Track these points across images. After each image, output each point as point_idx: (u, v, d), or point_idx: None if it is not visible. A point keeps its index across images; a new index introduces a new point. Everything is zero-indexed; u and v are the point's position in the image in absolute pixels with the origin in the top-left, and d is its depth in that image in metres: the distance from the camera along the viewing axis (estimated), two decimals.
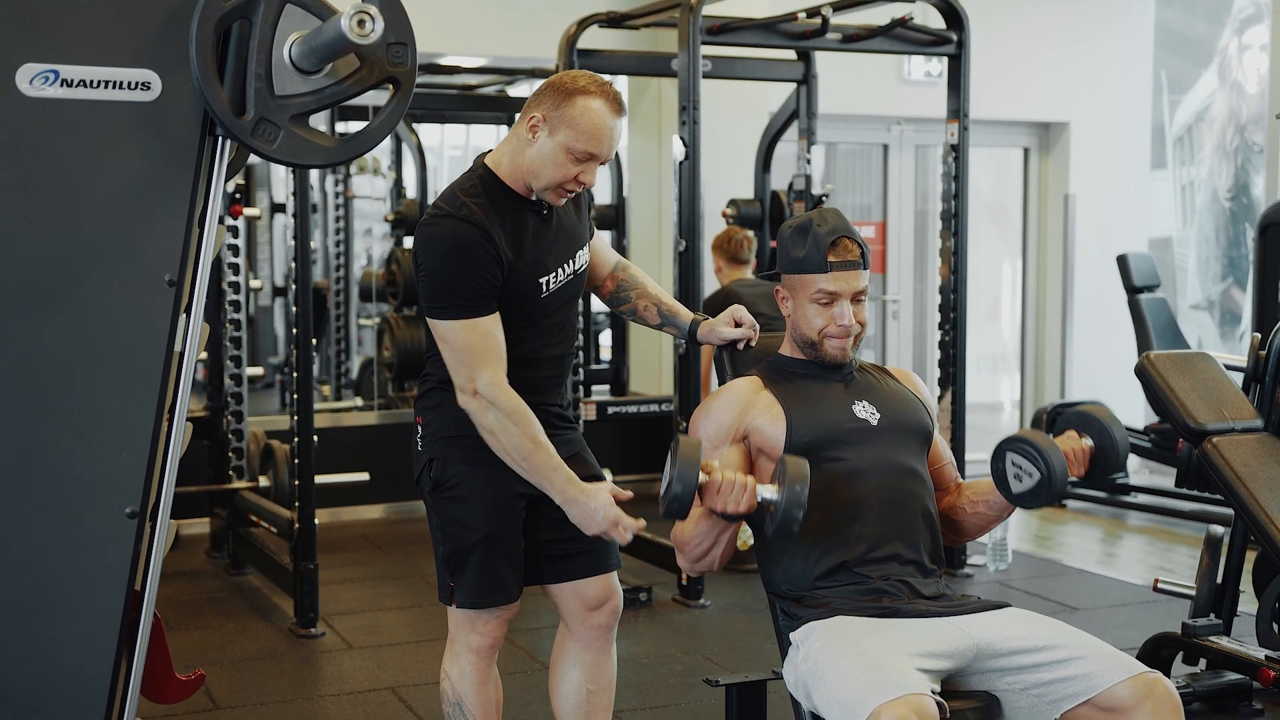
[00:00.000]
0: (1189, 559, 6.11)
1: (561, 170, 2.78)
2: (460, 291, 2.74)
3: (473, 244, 2.74)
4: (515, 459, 2.77)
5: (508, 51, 7.54)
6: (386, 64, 2.25)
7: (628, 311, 3.16)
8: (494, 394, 2.74)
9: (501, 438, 2.75)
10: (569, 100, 2.75)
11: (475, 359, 2.75)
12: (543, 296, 2.87)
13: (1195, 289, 8.78)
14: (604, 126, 2.76)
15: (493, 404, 2.74)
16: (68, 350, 2.21)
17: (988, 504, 2.85)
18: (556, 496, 2.78)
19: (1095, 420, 2.78)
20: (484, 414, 2.75)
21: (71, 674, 2.25)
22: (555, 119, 2.76)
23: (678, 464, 2.48)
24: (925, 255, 8.41)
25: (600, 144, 2.77)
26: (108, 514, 2.23)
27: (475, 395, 2.75)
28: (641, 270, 3.20)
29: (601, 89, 2.77)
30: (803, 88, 6.51)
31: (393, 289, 7.75)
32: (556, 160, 2.77)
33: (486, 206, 2.78)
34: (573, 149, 2.76)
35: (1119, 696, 2.44)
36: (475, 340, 2.75)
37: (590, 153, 2.76)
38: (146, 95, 2.20)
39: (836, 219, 2.82)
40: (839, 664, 2.45)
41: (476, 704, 2.95)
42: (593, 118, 2.75)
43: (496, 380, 2.75)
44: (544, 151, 2.78)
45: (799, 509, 2.45)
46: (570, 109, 2.75)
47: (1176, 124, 8.85)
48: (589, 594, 3.02)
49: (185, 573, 5.84)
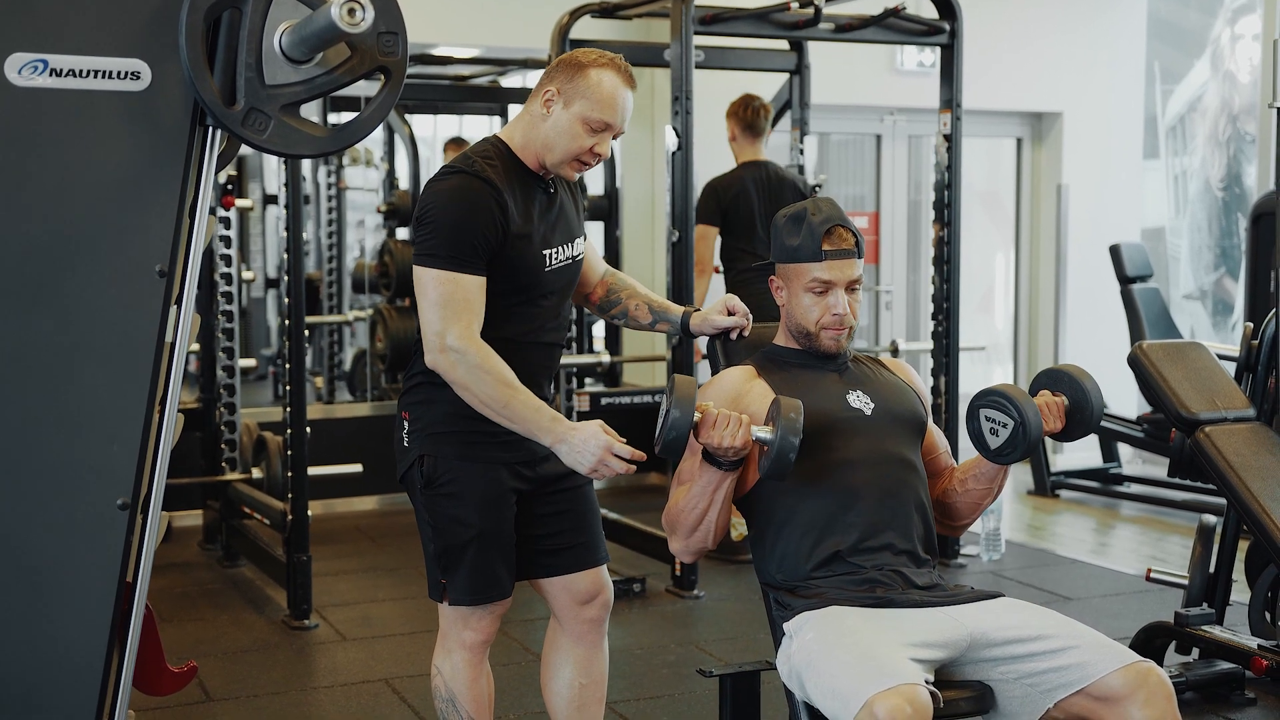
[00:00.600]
0: (1182, 548, 6.12)
1: (577, 141, 2.79)
2: (455, 242, 2.71)
3: (480, 200, 2.73)
4: (495, 409, 2.70)
5: (500, 42, 7.52)
6: (377, 53, 2.24)
7: (619, 314, 3.15)
8: (463, 346, 2.69)
9: (476, 390, 2.70)
10: (583, 73, 2.78)
11: (449, 313, 2.70)
12: (546, 270, 2.86)
13: (1188, 279, 8.79)
14: (618, 96, 2.79)
15: (463, 355, 2.69)
16: (58, 341, 2.20)
17: (975, 476, 2.85)
18: (545, 438, 2.70)
19: (1066, 375, 2.81)
20: (453, 369, 2.70)
21: (63, 666, 2.24)
22: (570, 91, 2.78)
23: (674, 397, 2.51)
24: (918, 245, 8.41)
25: (615, 113, 2.79)
26: (99, 505, 2.22)
27: (444, 351, 2.70)
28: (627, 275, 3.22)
29: (614, 62, 2.81)
30: (795, 78, 6.50)
31: (385, 280, 7.74)
32: (572, 131, 2.79)
33: (500, 170, 2.79)
34: (589, 119, 2.78)
35: (1112, 686, 2.44)
36: (456, 294, 2.71)
37: (606, 122, 2.79)
38: (136, 85, 2.19)
39: (831, 208, 2.82)
40: (833, 654, 2.45)
41: (470, 700, 2.93)
42: (607, 87, 2.78)
43: (467, 334, 2.70)
44: (559, 124, 2.79)
45: (795, 439, 2.47)
46: (584, 81, 2.78)
47: (1169, 114, 8.85)
48: (579, 588, 3.00)
49: (178, 564, 5.83)
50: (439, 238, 2.73)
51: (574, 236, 2.95)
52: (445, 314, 2.71)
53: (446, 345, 2.70)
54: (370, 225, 8.98)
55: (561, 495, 2.96)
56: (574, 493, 2.98)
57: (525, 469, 2.89)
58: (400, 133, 8.30)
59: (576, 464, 2.68)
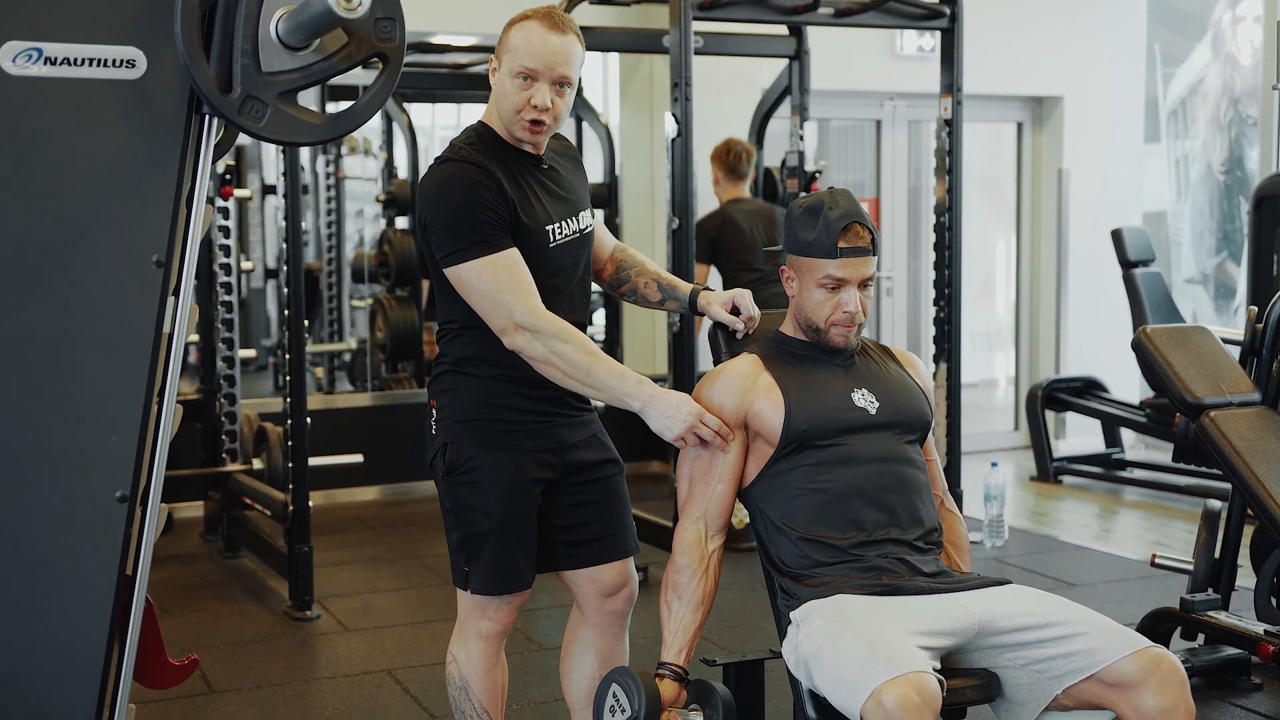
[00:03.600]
0: (1186, 534, 6.11)
1: (512, 98, 2.77)
2: (472, 227, 2.68)
3: (475, 181, 2.71)
4: (579, 379, 2.68)
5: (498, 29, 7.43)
6: (374, 39, 2.22)
7: (628, 292, 3.12)
8: (533, 321, 2.67)
9: (558, 362, 2.67)
10: (507, 32, 2.81)
11: (505, 294, 2.68)
12: (551, 246, 2.82)
13: (1190, 263, 8.76)
14: (535, 40, 2.76)
15: (537, 332, 2.66)
16: (55, 332, 2.18)
17: None
18: (634, 402, 2.67)
19: None
20: (531, 345, 2.68)
21: (63, 659, 2.23)
22: (500, 54, 2.81)
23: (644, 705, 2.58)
24: (919, 232, 8.39)
25: (536, 58, 2.75)
26: (98, 498, 2.21)
27: (518, 329, 2.67)
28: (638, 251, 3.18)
29: (539, 13, 2.80)
30: (795, 63, 6.47)
31: (385, 270, 7.71)
32: (506, 90, 2.78)
33: (486, 153, 2.78)
34: (515, 71, 2.76)
35: (1124, 672, 2.42)
36: (500, 275, 2.68)
37: (528, 68, 2.75)
38: (132, 73, 2.17)
39: (848, 202, 2.77)
40: (840, 642, 2.44)
41: (483, 689, 2.91)
42: (524, 36, 2.77)
43: (532, 307, 2.67)
44: (501, 88, 2.80)
45: None
46: (507, 38, 2.80)
47: (1170, 97, 8.82)
48: (604, 580, 2.97)
49: (180, 556, 5.82)
50: (453, 231, 2.70)
51: (578, 210, 2.91)
52: (501, 298, 2.68)
53: (517, 325, 2.68)
54: (369, 215, 8.95)
55: (590, 485, 2.93)
56: (603, 483, 2.94)
57: (551, 456, 2.85)
58: (399, 121, 8.26)
59: (665, 429, 2.67)
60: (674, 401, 2.67)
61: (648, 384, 2.68)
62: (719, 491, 2.75)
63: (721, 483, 2.75)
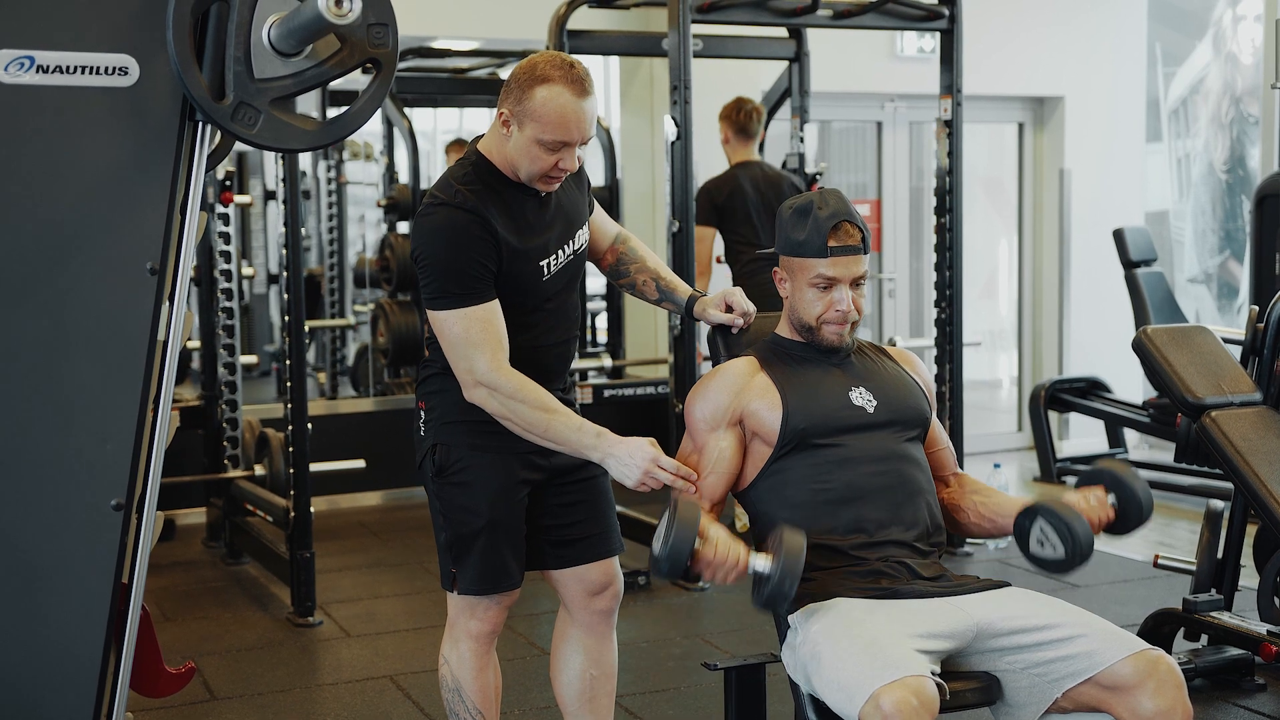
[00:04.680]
0: (1189, 534, 6.09)
1: (539, 163, 2.73)
2: (456, 279, 2.70)
3: (466, 230, 2.71)
4: (538, 434, 2.72)
5: (498, 34, 7.49)
6: (367, 45, 2.22)
7: (626, 285, 3.14)
8: (493, 379, 2.70)
9: (515, 419, 2.71)
10: (529, 93, 2.69)
11: (472, 348, 2.71)
12: (544, 280, 2.84)
13: (1192, 262, 8.75)
14: (567, 112, 2.69)
15: (494, 389, 2.70)
16: (49, 340, 2.18)
17: (994, 524, 2.84)
18: (593, 453, 2.69)
19: (1109, 475, 2.74)
20: (488, 400, 2.72)
21: (59, 668, 2.23)
22: (520, 114, 2.71)
23: (675, 527, 2.45)
24: (920, 233, 8.38)
25: (568, 131, 2.70)
26: (93, 506, 2.21)
27: (477, 384, 2.71)
28: (641, 242, 3.17)
29: (562, 73, 2.69)
30: (794, 66, 6.46)
31: (387, 275, 7.71)
32: (531, 153, 2.72)
33: (482, 192, 2.75)
34: (542, 140, 2.70)
35: (1121, 674, 2.42)
36: (472, 329, 2.71)
37: (560, 141, 2.71)
38: (124, 80, 2.17)
39: (838, 202, 2.77)
40: (838, 646, 2.43)
41: (475, 690, 2.93)
42: (553, 106, 2.68)
43: (495, 364, 2.71)
44: (518, 146, 2.73)
45: (793, 584, 2.42)
46: (531, 101, 2.69)
47: (1171, 97, 8.81)
48: (590, 579, 3.00)
49: (182, 563, 5.81)
50: (438, 279, 2.72)
51: (576, 229, 2.92)
52: (469, 350, 2.71)
53: (478, 381, 2.71)
54: (371, 220, 8.96)
55: (576, 486, 2.96)
56: (589, 483, 2.97)
57: (539, 458, 2.87)
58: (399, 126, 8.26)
59: (624, 476, 2.68)
60: (629, 449, 2.67)
61: (607, 435, 2.70)
62: (710, 481, 2.75)
63: (714, 475, 2.75)
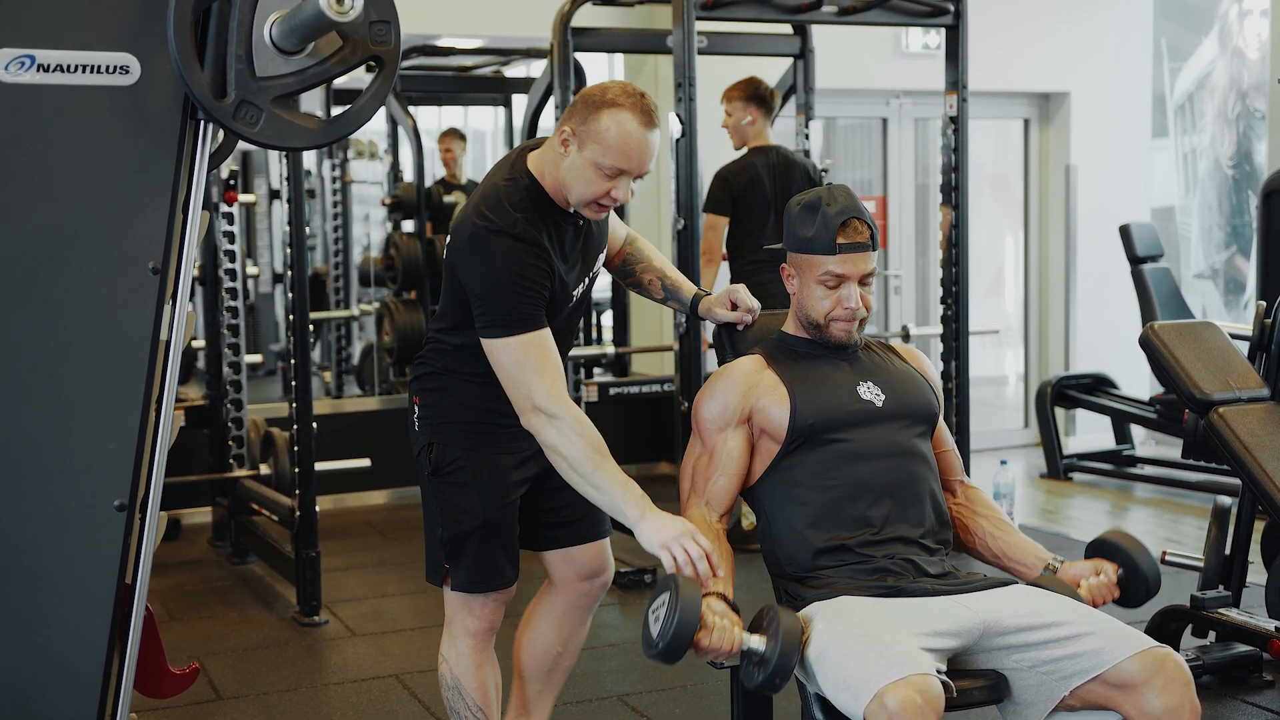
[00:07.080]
0: (1196, 530, 6.08)
1: (592, 186, 2.70)
2: (516, 309, 2.66)
3: (530, 262, 2.67)
4: (582, 474, 2.63)
5: (503, 31, 7.49)
6: (369, 43, 2.21)
7: (633, 284, 3.16)
8: (553, 408, 2.64)
9: (565, 453, 2.63)
10: (596, 114, 2.67)
11: (530, 374, 2.66)
12: (570, 305, 2.86)
13: (1199, 258, 8.72)
14: (632, 141, 2.66)
15: (554, 418, 2.64)
16: (51, 340, 2.18)
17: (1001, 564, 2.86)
18: (631, 512, 2.59)
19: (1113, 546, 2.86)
20: (545, 429, 2.65)
21: (63, 669, 2.23)
22: (583, 134, 2.68)
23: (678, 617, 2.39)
24: (926, 229, 8.36)
25: (629, 159, 2.67)
26: (96, 506, 2.21)
27: (535, 411, 2.65)
28: (647, 242, 3.18)
29: (632, 101, 2.68)
30: (800, 62, 6.45)
31: (392, 273, 7.71)
32: (586, 176, 2.69)
33: (537, 221, 2.72)
34: (601, 165, 2.67)
35: (1129, 672, 2.41)
36: (530, 356, 2.66)
37: (619, 168, 2.67)
38: (125, 79, 2.17)
39: (846, 198, 2.76)
40: (843, 644, 2.42)
41: (475, 687, 2.95)
42: (619, 132, 2.65)
43: (554, 392, 2.65)
44: (574, 167, 2.70)
45: (786, 674, 2.39)
46: (597, 124, 2.66)
47: (1177, 92, 8.79)
48: (582, 561, 3.05)
49: (188, 562, 5.80)
50: (497, 310, 2.67)
51: (599, 255, 2.93)
52: (526, 378, 2.66)
53: (535, 407, 2.65)
54: (376, 218, 8.95)
55: None
56: None
57: (534, 459, 2.88)
58: (404, 125, 8.26)
59: (648, 538, 2.57)
60: (668, 519, 2.58)
61: (650, 504, 2.61)
62: (720, 484, 2.74)
63: (724, 476, 2.74)
